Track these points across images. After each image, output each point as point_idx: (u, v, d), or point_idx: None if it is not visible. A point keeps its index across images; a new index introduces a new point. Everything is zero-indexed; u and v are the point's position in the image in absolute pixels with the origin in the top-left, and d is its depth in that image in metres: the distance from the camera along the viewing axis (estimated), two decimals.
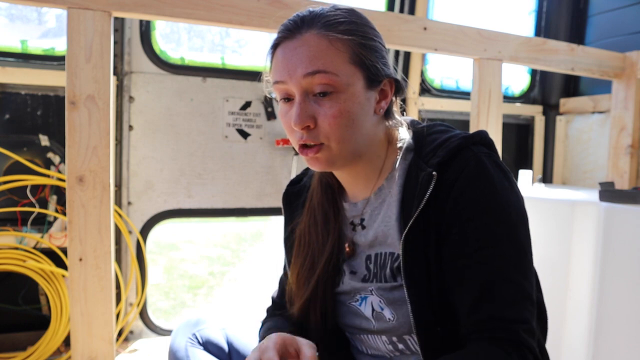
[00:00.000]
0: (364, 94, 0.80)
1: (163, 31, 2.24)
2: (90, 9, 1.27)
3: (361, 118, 0.80)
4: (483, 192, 0.75)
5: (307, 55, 0.77)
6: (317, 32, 0.77)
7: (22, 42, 1.95)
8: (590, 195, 1.83)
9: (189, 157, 2.15)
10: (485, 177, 0.76)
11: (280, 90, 0.81)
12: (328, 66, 0.76)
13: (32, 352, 1.82)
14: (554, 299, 1.69)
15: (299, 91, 0.78)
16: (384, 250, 0.84)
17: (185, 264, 4.59)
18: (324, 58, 0.77)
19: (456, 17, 3.23)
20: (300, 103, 0.78)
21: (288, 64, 0.78)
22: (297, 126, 0.78)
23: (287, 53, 0.78)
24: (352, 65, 0.78)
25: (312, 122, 0.78)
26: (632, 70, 2.20)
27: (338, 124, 0.78)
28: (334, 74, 0.77)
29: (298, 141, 0.81)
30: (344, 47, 0.78)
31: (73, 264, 1.28)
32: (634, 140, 2.25)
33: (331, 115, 0.77)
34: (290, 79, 0.78)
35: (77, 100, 1.26)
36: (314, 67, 0.76)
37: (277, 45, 0.81)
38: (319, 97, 0.78)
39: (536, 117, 2.90)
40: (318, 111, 0.78)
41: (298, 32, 0.78)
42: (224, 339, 1.00)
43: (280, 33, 0.81)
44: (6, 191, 1.87)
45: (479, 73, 1.86)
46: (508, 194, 0.77)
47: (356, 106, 0.79)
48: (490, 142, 0.82)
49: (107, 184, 1.30)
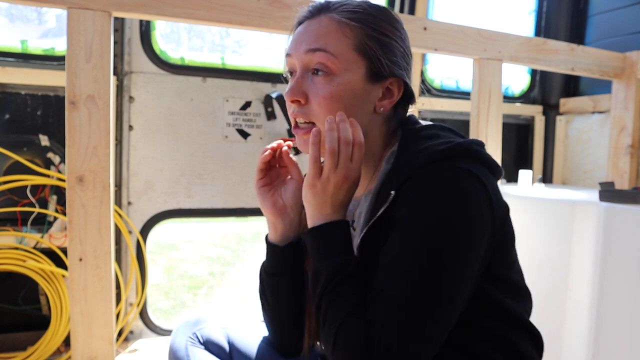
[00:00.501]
0: (362, 84, 0.81)
1: (163, 31, 2.24)
2: (90, 9, 1.27)
3: (354, 108, 0.81)
4: (418, 208, 0.72)
5: (314, 33, 0.81)
6: (331, 16, 0.81)
7: (22, 42, 1.95)
8: (590, 195, 1.83)
9: (189, 157, 2.15)
10: (428, 195, 0.72)
11: (288, 64, 0.86)
12: (329, 46, 0.79)
13: (32, 352, 1.82)
14: (554, 299, 1.69)
15: (300, 66, 0.82)
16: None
17: (185, 264, 4.59)
18: (327, 38, 0.80)
19: (456, 17, 3.23)
20: (298, 78, 0.82)
21: (297, 39, 0.83)
22: (288, 98, 0.82)
23: (301, 30, 0.84)
24: (355, 52, 0.80)
25: (303, 97, 0.81)
26: (632, 70, 2.20)
27: (327, 106, 0.80)
28: (333, 55, 0.79)
29: (292, 115, 0.84)
30: (352, 34, 0.80)
31: (73, 264, 1.28)
32: (634, 140, 2.25)
33: (322, 96, 0.80)
34: (295, 53, 0.83)
35: (77, 100, 1.26)
36: (316, 45, 0.80)
37: (299, 24, 0.86)
38: (315, 77, 0.81)
39: (536, 117, 2.90)
40: (311, 89, 0.81)
41: (317, 14, 0.83)
42: (225, 338, 0.99)
43: (302, 14, 0.86)
44: (6, 191, 1.87)
45: (479, 73, 1.86)
46: (448, 217, 0.70)
47: (349, 93, 0.80)
48: (475, 152, 0.77)
49: (107, 184, 1.30)
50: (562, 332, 1.67)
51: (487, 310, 0.79)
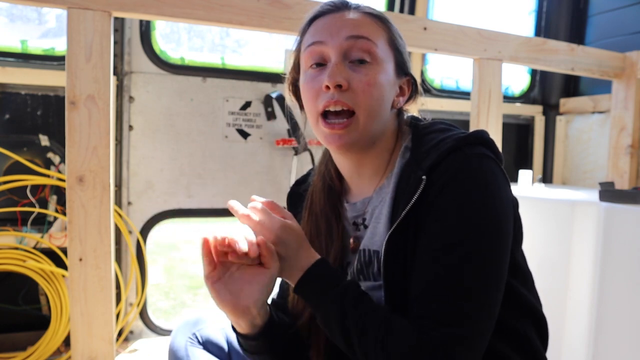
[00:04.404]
0: (393, 77, 0.84)
1: (163, 31, 2.24)
2: (90, 9, 1.27)
3: (387, 99, 0.83)
4: (459, 193, 0.73)
5: (352, 23, 0.81)
6: (361, 11, 0.83)
7: (22, 42, 1.95)
8: (590, 195, 1.83)
9: (189, 157, 2.15)
10: (466, 179, 0.73)
11: (314, 53, 0.82)
12: (372, 35, 0.81)
13: (32, 352, 1.82)
14: (554, 299, 1.69)
15: (337, 52, 0.80)
16: (371, 247, 0.84)
17: (185, 264, 4.59)
18: (368, 27, 0.81)
19: (456, 17, 3.23)
20: (337, 63, 0.79)
21: (332, 27, 0.81)
22: (331, 83, 0.78)
23: (332, 19, 0.82)
24: (388, 45, 0.83)
25: (345, 82, 0.79)
26: (632, 70, 2.20)
27: (371, 93, 0.79)
28: (375, 43, 0.81)
29: (324, 105, 0.79)
30: (383, 29, 0.83)
31: (73, 264, 1.28)
32: (634, 140, 2.25)
33: (366, 82, 0.79)
34: (331, 39, 0.80)
35: (77, 100, 1.26)
36: (360, 32, 0.80)
37: (317, 17, 0.84)
38: (355, 64, 0.80)
39: (536, 117, 2.90)
40: (353, 76, 0.79)
41: (344, 8, 0.84)
42: (224, 338, 0.99)
43: (324, 7, 0.85)
44: (6, 191, 1.87)
45: (479, 73, 1.86)
46: (487, 199, 0.73)
47: (387, 84, 0.82)
48: (488, 141, 0.80)
49: (107, 184, 1.30)
50: (562, 332, 1.67)
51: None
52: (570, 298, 1.66)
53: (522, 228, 0.86)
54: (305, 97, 0.84)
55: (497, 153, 0.80)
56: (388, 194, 0.83)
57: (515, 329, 0.81)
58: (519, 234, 0.85)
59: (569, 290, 1.66)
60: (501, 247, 0.73)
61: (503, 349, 0.80)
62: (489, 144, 0.80)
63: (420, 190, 0.74)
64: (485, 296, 0.70)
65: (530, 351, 0.82)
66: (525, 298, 0.83)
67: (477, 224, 0.72)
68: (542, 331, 0.86)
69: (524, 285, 0.84)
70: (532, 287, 0.88)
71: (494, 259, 0.72)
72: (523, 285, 0.84)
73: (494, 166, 0.76)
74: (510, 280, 0.80)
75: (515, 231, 0.82)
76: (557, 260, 1.69)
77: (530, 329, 0.83)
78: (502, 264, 0.73)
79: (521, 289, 0.83)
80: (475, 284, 0.70)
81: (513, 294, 0.81)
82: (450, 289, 0.69)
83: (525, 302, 0.83)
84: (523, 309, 0.83)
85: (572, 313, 1.65)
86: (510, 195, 0.79)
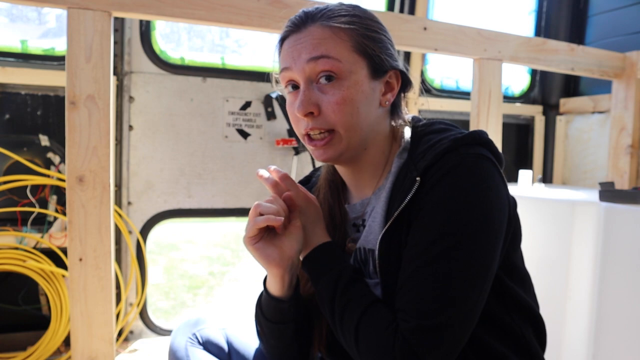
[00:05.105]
0: (368, 83, 0.81)
1: (163, 31, 2.24)
2: (90, 9, 1.27)
3: (365, 108, 0.81)
4: (447, 189, 0.73)
5: (311, 43, 0.79)
6: (321, 24, 0.80)
7: (22, 42, 1.95)
8: (590, 195, 1.83)
9: (189, 157, 2.15)
10: (457, 177, 0.73)
11: (285, 78, 0.83)
12: (331, 52, 0.78)
13: (32, 352, 1.82)
14: (554, 299, 1.69)
15: (302, 78, 0.80)
16: (366, 245, 0.85)
17: (185, 264, 4.59)
18: (326, 45, 0.79)
19: (456, 17, 3.23)
20: (304, 90, 0.80)
21: (293, 52, 0.80)
22: (301, 112, 0.79)
23: (293, 43, 0.81)
24: (355, 53, 0.80)
25: (315, 109, 0.79)
26: (632, 70, 2.20)
27: (342, 111, 0.79)
28: (336, 59, 0.78)
29: (304, 130, 0.81)
30: (347, 36, 0.80)
31: (73, 264, 1.28)
32: (634, 140, 2.25)
33: (335, 102, 0.78)
34: (294, 64, 0.80)
35: (77, 100, 1.27)
36: (318, 52, 0.78)
37: (284, 38, 0.84)
38: (322, 85, 0.79)
39: (536, 117, 2.90)
40: (322, 98, 0.79)
41: (303, 25, 0.81)
42: (224, 338, 1.00)
43: (287, 27, 0.83)
44: (6, 191, 1.87)
45: (479, 73, 1.86)
46: (476, 195, 0.73)
47: (359, 95, 0.80)
48: (487, 141, 0.80)
49: (107, 184, 1.30)
50: (562, 332, 1.67)
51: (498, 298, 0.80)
52: (570, 298, 1.66)
53: (521, 229, 0.86)
54: (289, 118, 0.86)
55: (495, 153, 0.80)
56: (384, 194, 0.84)
57: (513, 330, 0.81)
58: (517, 235, 0.85)
59: (569, 290, 1.66)
60: (488, 243, 0.73)
61: (501, 349, 0.80)
62: (487, 144, 0.80)
63: (414, 190, 0.75)
64: (460, 291, 0.70)
65: (528, 352, 0.83)
66: (522, 300, 0.83)
67: (460, 219, 0.71)
68: (540, 333, 0.87)
69: (522, 287, 0.85)
70: (530, 288, 0.88)
71: (476, 254, 0.71)
72: (520, 287, 0.84)
73: (490, 166, 0.76)
74: (507, 281, 0.81)
75: (513, 232, 0.81)
76: (557, 260, 1.69)
77: (528, 330, 0.83)
78: (486, 260, 0.72)
79: (519, 290, 0.83)
80: (453, 279, 0.69)
81: (510, 296, 0.81)
82: (426, 283, 0.70)
83: (523, 304, 0.83)
84: (521, 311, 0.83)
85: (572, 313, 1.65)
86: (505, 195, 0.78)
